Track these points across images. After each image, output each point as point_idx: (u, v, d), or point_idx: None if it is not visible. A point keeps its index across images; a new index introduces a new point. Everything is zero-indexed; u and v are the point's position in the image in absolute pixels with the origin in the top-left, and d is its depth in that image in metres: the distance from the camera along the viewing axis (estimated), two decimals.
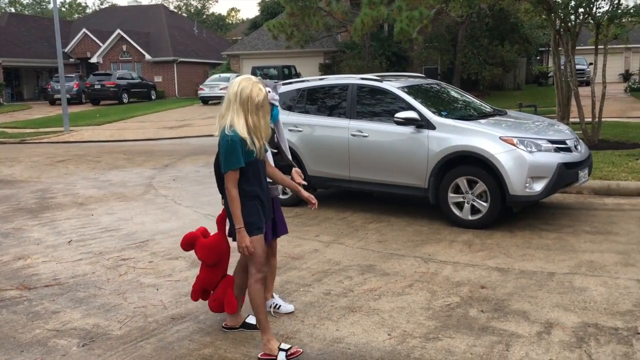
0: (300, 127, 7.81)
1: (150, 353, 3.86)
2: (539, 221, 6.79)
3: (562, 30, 12.26)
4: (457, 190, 6.65)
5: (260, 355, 3.73)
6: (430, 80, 8.45)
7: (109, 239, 6.62)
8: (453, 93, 8.37)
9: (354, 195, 8.43)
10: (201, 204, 8.28)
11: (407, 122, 6.82)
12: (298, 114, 7.95)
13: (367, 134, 7.19)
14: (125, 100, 33.08)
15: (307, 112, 7.92)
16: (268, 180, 3.86)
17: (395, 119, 6.87)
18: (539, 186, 6.33)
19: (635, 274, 4.95)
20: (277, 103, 4.19)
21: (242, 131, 3.49)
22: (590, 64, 19.85)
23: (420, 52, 30.66)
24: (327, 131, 7.60)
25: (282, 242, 5.59)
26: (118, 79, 33.24)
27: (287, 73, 29.73)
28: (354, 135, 7.30)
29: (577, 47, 12.35)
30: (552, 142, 6.61)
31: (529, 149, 6.32)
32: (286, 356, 3.65)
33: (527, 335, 3.89)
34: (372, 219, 7.17)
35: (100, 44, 39.69)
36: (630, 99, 27.09)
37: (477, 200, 6.54)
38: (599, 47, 11.59)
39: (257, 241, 3.66)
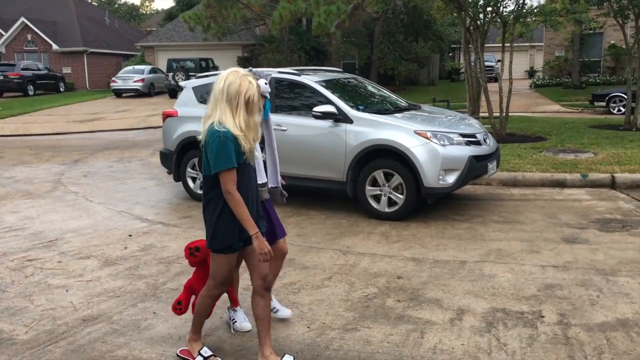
0: None
1: (59, 357, 3.68)
2: (451, 212, 7.04)
3: (472, 28, 12.77)
4: (375, 183, 6.78)
5: (179, 352, 3.64)
6: (347, 75, 8.55)
7: (13, 239, 6.25)
8: (370, 88, 8.51)
9: None
10: (114, 201, 7.98)
11: (325, 116, 6.87)
12: None
13: (285, 128, 7.18)
14: (30, 93, 31.28)
15: None
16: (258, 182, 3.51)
17: (313, 113, 6.90)
18: (451, 178, 6.56)
19: (539, 260, 5.24)
20: (268, 95, 3.65)
21: (234, 129, 3.10)
22: (499, 61, 20.77)
23: (338, 47, 31.00)
24: None
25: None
26: (22, 69, 31.36)
27: (205, 66, 29.16)
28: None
29: (486, 45, 12.91)
30: (464, 135, 6.86)
31: (441, 142, 6.54)
32: None
33: (441, 322, 4.03)
34: (292, 212, 7.18)
35: (3, 32, 37.34)
36: (535, 95, 28.63)
37: (394, 192, 6.69)
38: (506, 44, 12.15)
39: (228, 260, 3.35)
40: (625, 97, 14.66)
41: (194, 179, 7.86)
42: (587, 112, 21.07)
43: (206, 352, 3.57)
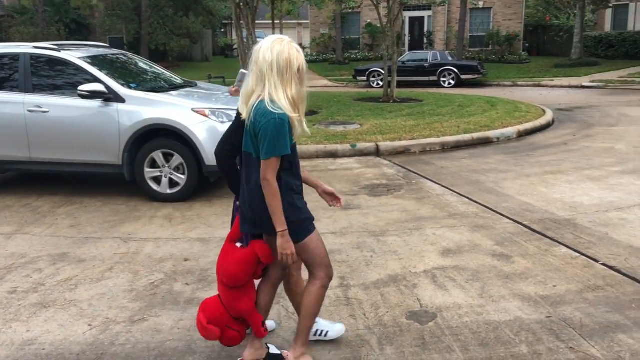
0: None
1: None
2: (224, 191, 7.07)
3: (241, 4, 12.85)
4: (154, 164, 6.50)
5: None
6: (115, 51, 8.00)
7: None
8: (141, 64, 8.09)
9: (38, 178, 7.59)
10: None
11: (92, 95, 6.35)
12: None
13: (47, 110, 6.50)
14: None
15: None
16: None
17: (79, 92, 6.33)
18: None
19: (319, 229, 5.50)
20: None
21: (288, 108, 2.77)
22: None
23: (103, 21, 29.00)
24: None
25: None
26: None
27: None
28: (31, 111, 6.52)
29: (257, 22, 13.10)
30: None
31: (220, 119, 6.49)
32: None
33: None
34: (62, 202, 6.57)
35: None
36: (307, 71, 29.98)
37: (175, 173, 6.49)
38: (276, 22, 12.49)
39: (318, 237, 3.05)
40: (383, 72, 16.11)
41: None
42: (352, 86, 22.81)
43: None
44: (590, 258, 4.61)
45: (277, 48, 2.77)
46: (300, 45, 47.02)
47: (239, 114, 2.97)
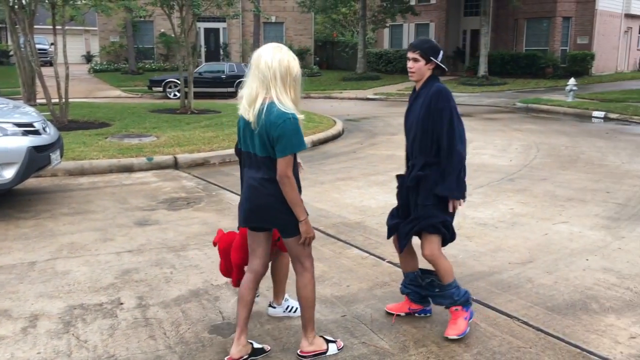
0: None
1: None
2: (15, 210, 6.38)
3: (16, 7, 11.68)
4: None
5: (306, 352, 3.34)
6: None
7: None
8: None
9: None
10: None
11: None
12: None
13: None
14: None
15: None
16: None
17: None
18: (9, 173, 5.93)
19: (114, 248, 5.22)
20: None
21: (295, 110, 3.00)
22: (52, 44, 19.70)
23: None
24: None
25: None
26: None
27: None
28: None
29: (36, 27, 12.01)
30: (19, 125, 6.27)
31: None
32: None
33: (12, 335, 3.61)
34: None
35: None
36: (95, 80, 28.36)
37: None
38: (58, 27, 11.56)
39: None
40: (179, 82, 15.83)
41: None
42: (147, 97, 22.05)
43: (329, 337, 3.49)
44: (378, 257, 5.00)
45: (277, 56, 2.99)
46: (88, 53, 44.24)
47: None
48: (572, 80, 18.48)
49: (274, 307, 3.90)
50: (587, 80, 26.53)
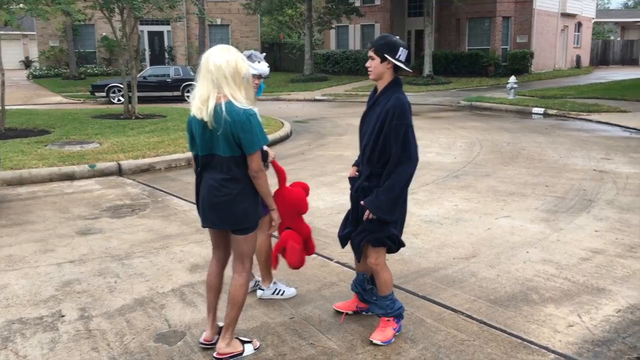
0: None
1: None
2: None
3: None
4: None
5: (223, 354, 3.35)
6: None
7: None
8: None
9: None
10: None
11: None
12: None
13: None
14: None
15: None
16: None
17: None
18: None
19: (54, 259, 5.06)
20: (267, 74, 3.89)
21: (250, 105, 3.07)
22: None
23: None
24: None
25: None
26: None
27: None
28: None
29: None
30: None
31: None
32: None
33: None
34: None
35: None
36: (34, 86, 27.46)
37: None
38: None
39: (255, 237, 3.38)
40: (122, 87, 15.48)
41: None
42: (90, 102, 21.50)
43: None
44: (326, 257, 5.02)
45: (225, 56, 3.03)
46: (27, 58, 42.77)
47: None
48: (512, 78, 19.04)
49: (263, 290, 4.15)
50: (527, 77, 27.43)
